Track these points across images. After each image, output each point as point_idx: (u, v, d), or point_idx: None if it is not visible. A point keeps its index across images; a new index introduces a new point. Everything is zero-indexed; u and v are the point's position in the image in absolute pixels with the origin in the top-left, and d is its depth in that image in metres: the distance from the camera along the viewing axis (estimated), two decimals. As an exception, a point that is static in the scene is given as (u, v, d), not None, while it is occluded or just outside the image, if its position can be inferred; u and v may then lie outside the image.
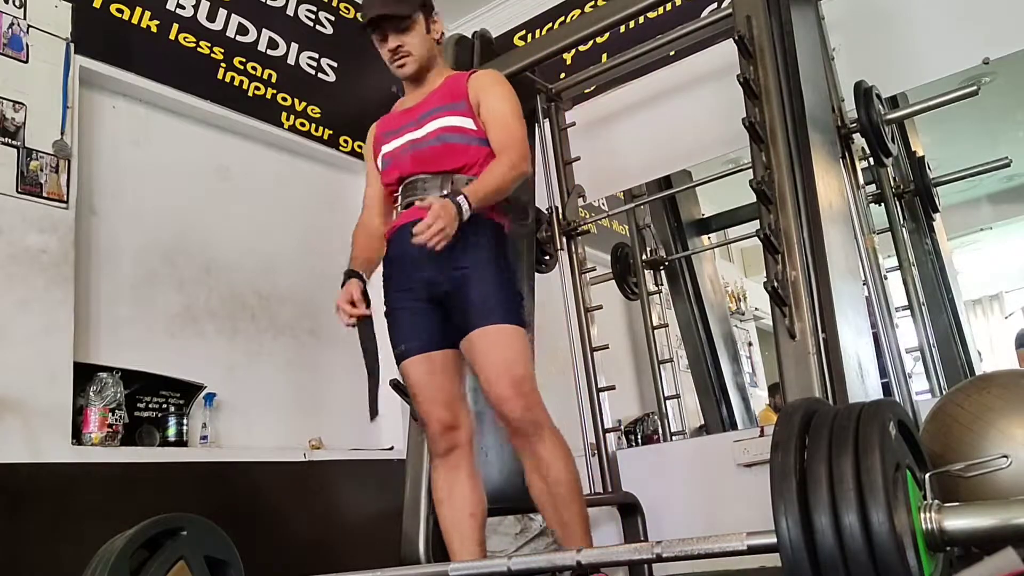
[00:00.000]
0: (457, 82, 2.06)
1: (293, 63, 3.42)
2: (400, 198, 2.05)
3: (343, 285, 1.98)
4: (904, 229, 3.34)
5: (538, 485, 1.89)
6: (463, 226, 1.84)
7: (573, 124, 3.18)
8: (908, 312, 3.08)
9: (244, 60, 3.21)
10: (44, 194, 2.46)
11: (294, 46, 3.43)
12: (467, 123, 1.99)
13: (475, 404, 2.25)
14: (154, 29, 2.93)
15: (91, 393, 2.44)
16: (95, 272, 2.65)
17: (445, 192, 1.93)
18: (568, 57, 3.50)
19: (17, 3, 2.53)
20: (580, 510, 1.89)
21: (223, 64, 3.14)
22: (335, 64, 3.59)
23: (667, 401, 3.93)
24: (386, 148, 2.08)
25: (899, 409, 1.20)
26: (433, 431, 1.95)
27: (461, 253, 1.88)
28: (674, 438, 3.91)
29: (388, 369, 3.21)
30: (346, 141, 3.55)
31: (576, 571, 1.54)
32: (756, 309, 6.18)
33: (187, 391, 2.74)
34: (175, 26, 3.00)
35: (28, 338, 2.33)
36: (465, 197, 1.82)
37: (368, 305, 1.97)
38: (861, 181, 2.45)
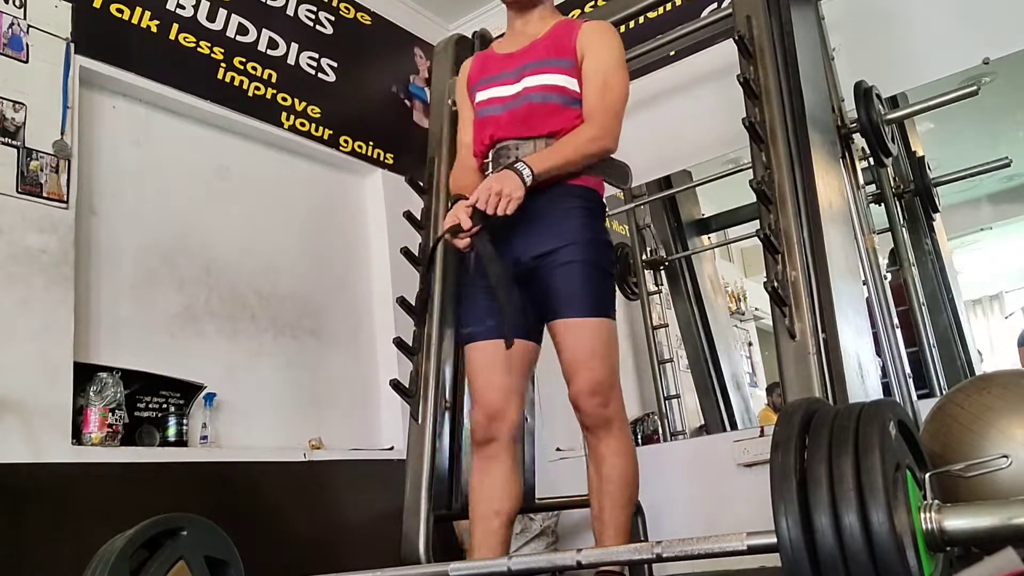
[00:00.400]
0: (566, 33, 1.89)
1: (293, 63, 3.42)
2: (491, 165, 1.93)
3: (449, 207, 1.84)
4: (904, 229, 3.35)
5: (592, 476, 1.86)
6: (550, 195, 1.76)
7: (573, 124, 3.18)
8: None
9: (244, 60, 3.21)
10: (44, 194, 2.46)
11: (294, 46, 3.43)
12: (570, 83, 1.85)
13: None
14: (154, 29, 2.93)
15: (91, 393, 2.44)
16: (95, 272, 2.65)
17: None
18: (568, 57, 3.49)
19: (17, 3, 2.53)
20: (623, 514, 1.83)
21: (223, 64, 3.13)
22: (335, 64, 3.59)
23: (667, 401, 3.93)
24: (481, 96, 1.94)
25: (899, 409, 1.21)
26: (477, 417, 1.88)
27: (548, 229, 1.79)
28: (674, 438, 3.91)
29: (388, 369, 3.23)
30: (346, 141, 3.55)
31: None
32: (756, 309, 6.17)
33: (187, 391, 2.74)
34: (175, 26, 3.00)
35: (28, 338, 2.33)
36: (526, 164, 1.71)
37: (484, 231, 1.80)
38: (861, 181, 2.45)
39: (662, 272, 4.19)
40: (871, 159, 2.64)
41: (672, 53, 3.11)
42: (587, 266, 1.79)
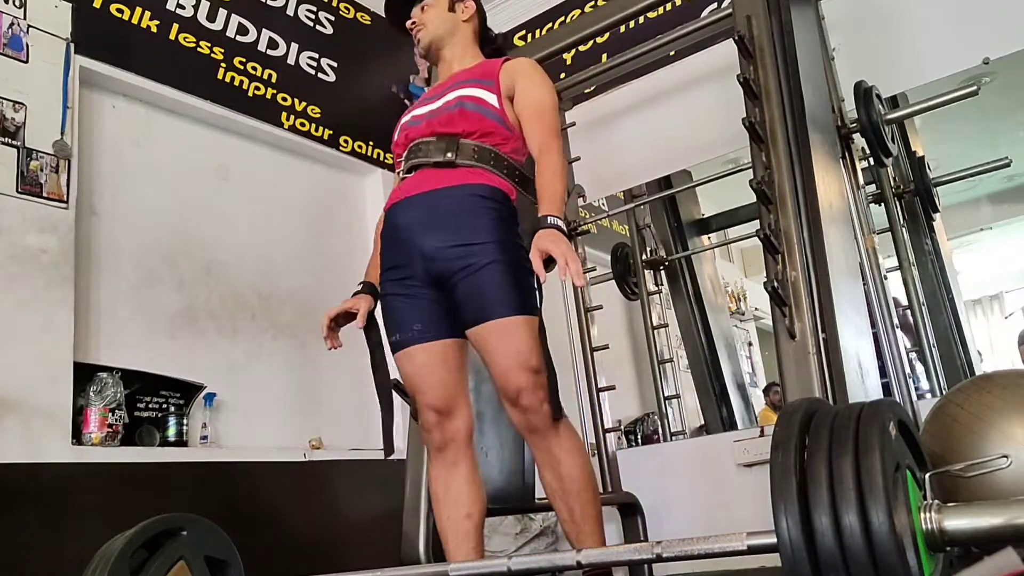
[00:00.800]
0: (489, 65, 1.99)
1: (293, 63, 3.42)
2: (404, 162, 1.95)
3: (353, 294, 1.90)
4: (904, 229, 3.35)
5: (550, 481, 1.81)
6: (466, 197, 1.78)
7: (573, 124, 3.18)
8: (908, 312, 3.09)
9: (244, 60, 3.21)
10: (44, 194, 2.46)
11: (294, 46, 3.43)
12: (490, 98, 1.90)
13: (476, 403, 2.25)
14: (154, 29, 2.93)
15: (91, 393, 2.44)
16: (95, 272, 2.65)
17: (450, 155, 1.84)
18: (568, 57, 3.50)
19: (17, 3, 2.53)
20: (593, 509, 1.81)
21: (223, 64, 3.14)
22: (335, 64, 3.59)
23: (667, 401, 3.93)
24: (404, 119, 2.02)
25: (899, 409, 1.20)
26: (428, 424, 1.86)
27: (466, 228, 1.78)
28: (674, 438, 3.91)
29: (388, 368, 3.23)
30: (346, 141, 3.55)
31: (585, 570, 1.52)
32: (756, 309, 6.19)
33: (187, 391, 2.74)
34: (175, 26, 3.00)
35: (28, 338, 2.34)
36: (554, 217, 1.73)
37: (375, 330, 1.90)
38: (861, 181, 2.45)
39: (662, 272, 4.19)
40: (871, 159, 2.63)
41: (672, 53, 3.10)
42: (509, 266, 1.77)
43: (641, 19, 3.21)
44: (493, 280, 1.75)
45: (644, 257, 4.10)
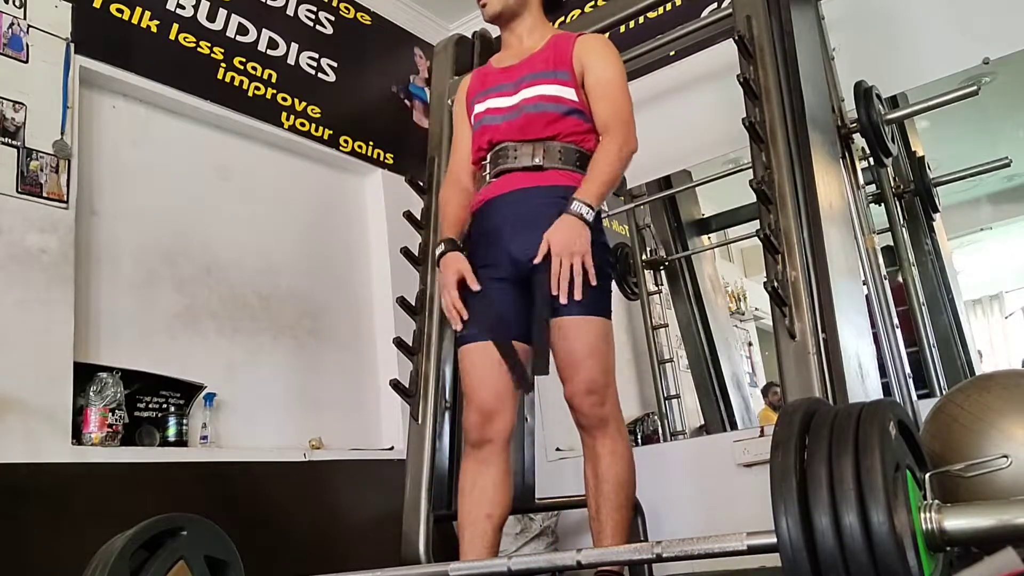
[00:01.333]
0: (562, 46, 1.92)
1: (293, 63, 3.42)
2: (489, 166, 1.94)
3: (439, 260, 1.87)
4: (904, 229, 3.35)
5: (588, 477, 1.85)
6: (554, 200, 1.78)
7: (573, 124, 3.18)
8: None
9: (244, 60, 3.21)
10: (44, 194, 2.46)
11: (294, 46, 3.43)
12: (567, 93, 1.87)
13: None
14: (154, 29, 2.93)
15: (91, 393, 2.44)
16: (95, 272, 2.65)
17: (537, 160, 1.85)
18: (568, 57, 3.49)
19: (17, 3, 2.53)
20: (619, 514, 1.81)
21: (223, 64, 3.13)
22: (335, 64, 3.59)
23: (667, 401, 3.93)
24: (479, 108, 1.97)
25: (899, 409, 1.20)
26: (471, 420, 1.87)
27: (545, 231, 1.78)
28: (674, 438, 3.91)
29: (388, 369, 3.23)
30: (346, 141, 3.55)
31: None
32: (756, 309, 6.18)
33: (187, 391, 2.74)
34: (175, 26, 3.00)
35: (28, 338, 2.33)
36: (582, 202, 1.74)
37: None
38: (861, 181, 2.45)
39: (662, 272, 4.19)
40: (871, 159, 2.63)
41: (672, 53, 3.10)
42: (591, 268, 1.80)
43: (641, 19, 3.21)
44: (573, 280, 1.76)
45: (644, 257, 4.10)
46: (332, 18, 3.65)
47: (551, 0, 2.06)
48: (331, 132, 3.49)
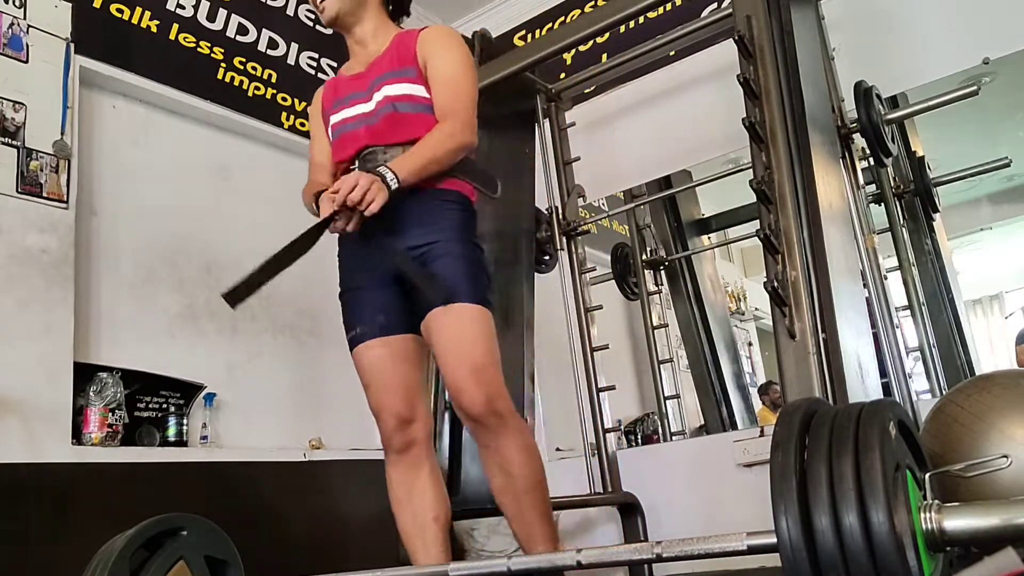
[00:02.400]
0: (406, 43, 1.88)
1: (293, 63, 3.42)
2: (358, 169, 1.89)
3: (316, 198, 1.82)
4: (904, 229, 3.35)
5: (498, 481, 1.76)
6: (422, 198, 1.75)
7: (573, 124, 3.18)
8: (908, 312, 3.09)
9: (244, 60, 3.21)
10: (44, 194, 2.46)
11: (294, 46, 3.43)
12: (418, 91, 1.83)
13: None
14: (154, 29, 2.93)
15: (91, 393, 2.44)
16: (95, 272, 2.65)
17: None
18: (568, 57, 3.50)
19: (17, 3, 2.53)
20: (543, 509, 1.75)
21: (223, 64, 3.13)
22: (335, 64, 3.59)
23: (667, 401, 3.93)
24: (335, 119, 1.93)
25: (899, 409, 1.20)
26: (387, 426, 1.81)
27: (423, 227, 1.77)
28: (674, 438, 3.91)
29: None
30: (346, 141, 3.55)
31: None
32: (756, 309, 6.18)
33: (187, 391, 2.74)
34: (175, 26, 3.00)
35: (28, 338, 2.33)
36: (390, 169, 1.68)
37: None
38: (861, 181, 2.45)
39: (662, 272, 4.19)
40: (871, 159, 2.63)
41: (672, 53, 3.11)
42: (463, 258, 1.76)
43: (641, 19, 3.21)
44: (452, 267, 1.73)
45: (644, 257, 4.10)
46: (332, 18, 3.65)
47: (394, 5, 2.03)
48: (331, 132, 3.49)
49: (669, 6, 2.92)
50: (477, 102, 1.85)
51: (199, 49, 3.07)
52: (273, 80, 3.31)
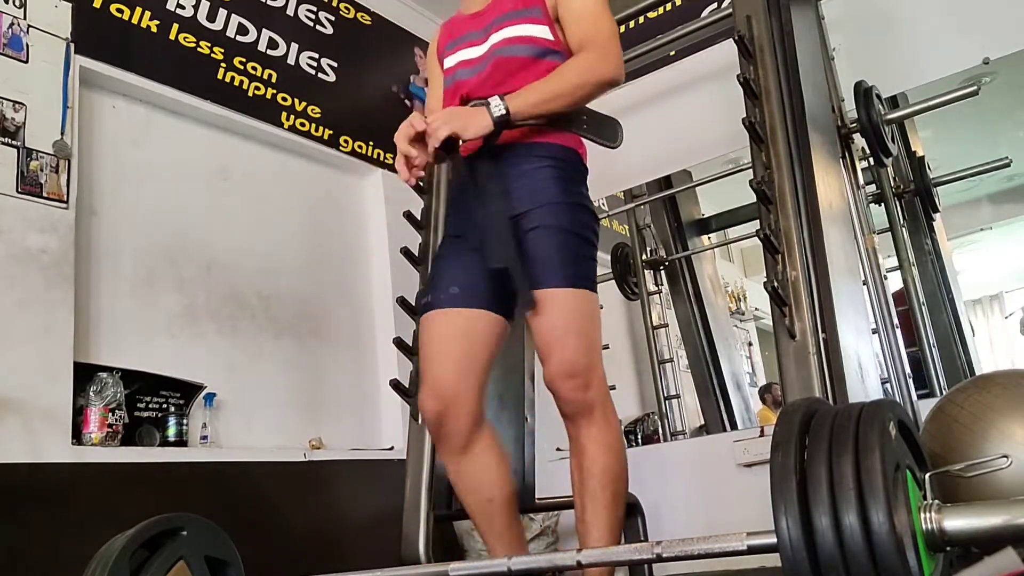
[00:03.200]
0: None
1: (293, 63, 3.42)
2: None
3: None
4: (904, 229, 3.35)
5: (574, 474, 1.65)
6: (519, 153, 1.59)
7: (573, 124, 3.18)
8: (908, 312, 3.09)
9: (244, 60, 3.21)
10: (44, 194, 2.46)
11: (294, 46, 3.43)
12: (541, 31, 1.65)
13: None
14: (154, 29, 2.93)
15: (91, 393, 2.44)
16: (95, 272, 2.65)
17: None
18: (568, 57, 3.50)
19: (17, 3, 2.53)
20: (610, 513, 1.61)
21: (223, 64, 3.13)
22: (335, 64, 3.59)
23: (667, 401, 3.93)
24: (449, 62, 1.77)
25: (899, 409, 1.20)
26: (426, 402, 1.64)
27: (522, 190, 1.60)
28: (674, 438, 3.91)
29: (388, 369, 3.23)
30: (346, 141, 3.55)
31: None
32: (756, 309, 6.19)
33: (187, 391, 2.74)
34: (175, 26, 3.00)
35: (28, 338, 2.33)
36: (501, 99, 1.50)
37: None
38: (861, 181, 2.45)
39: (662, 272, 4.20)
40: (871, 159, 2.64)
41: (672, 53, 3.11)
42: (564, 232, 1.59)
43: (641, 19, 3.21)
44: (552, 243, 1.57)
45: (644, 257, 4.10)
46: (332, 18, 3.65)
47: None
48: (331, 132, 3.49)
49: (669, 6, 2.92)
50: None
51: (199, 49, 3.07)
52: (273, 80, 3.31)
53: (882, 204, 3.29)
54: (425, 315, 1.69)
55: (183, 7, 3.04)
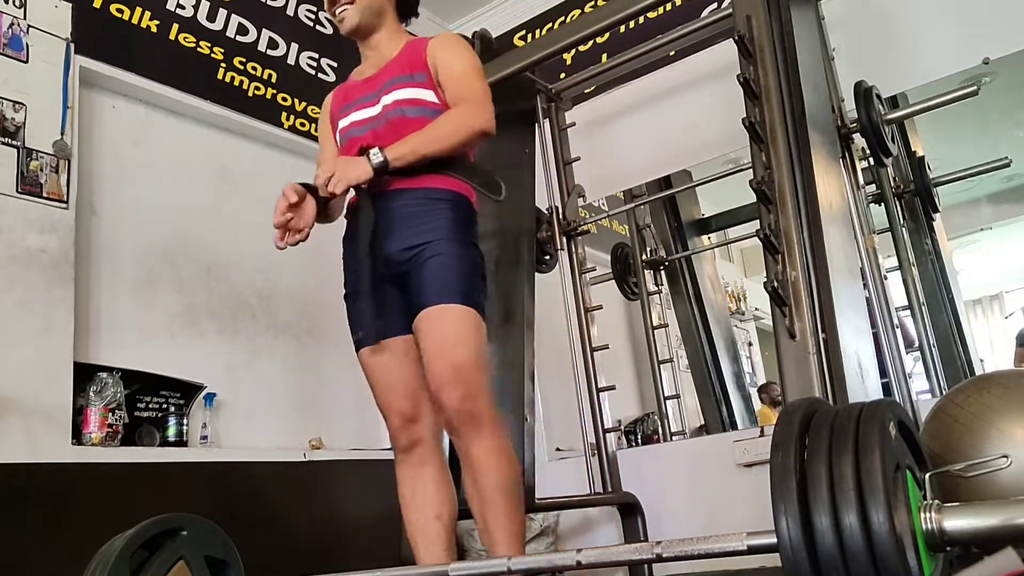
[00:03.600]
0: (416, 49, 1.89)
1: (293, 63, 3.42)
2: None
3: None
4: (904, 229, 3.35)
5: (468, 489, 1.71)
6: (418, 198, 1.75)
7: (573, 124, 3.18)
8: (908, 312, 3.09)
9: (244, 60, 3.21)
10: (44, 194, 2.46)
11: (294, 46, 3.43)
12: (427, 95, 1.84)
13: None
14: (154, 29, 2.93)
15: (91, 393, 2.44)
16: (95, 272, 2.65)
17: None
18: (568, 57, 3.50)
19: (17, 3, 2.53)
20: (508, 521, 1.67)
21: (223, 64, 3.13)
22: (335, 64, 3.59)
23: (667, 401, 3.93)
24: (343, 123, 1.94)
25: (899, 409, 1.20)
26: (393, 425, 1.82)
27: (420, 228, 1.76)
28: (674, 438, 3.91)
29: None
30: (346, 141, 3.55)
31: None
32: (756, 309, 6.18)
33: (187, 391, 2.74)
34: (175, 26, 3.00)
35: (28, 338, 2.33)
36: (380, 150, 1.69)
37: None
38: (861, 181, 2.45)
39: (662, 272, 4.19)
40: (871, 159, 2.63)
41: (672, 53, 3.11)
42: (456, 259, 1.75)
43: (641, 19, 3.21)
44: (435, 268, 1.73)
45: (644, 257, 4.10)
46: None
47: (404, 8, 2.03)
48: (331, 132, 3.49)
49: (669, 6, 2.92)
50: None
51: (199, 49, 3.07)
52: (273, 80, 3.31)
53: (882, 204, 3.29)
54: (362, 351, 1.85)
55: (183, 7, 3.03)
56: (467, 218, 1.84)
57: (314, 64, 3.51)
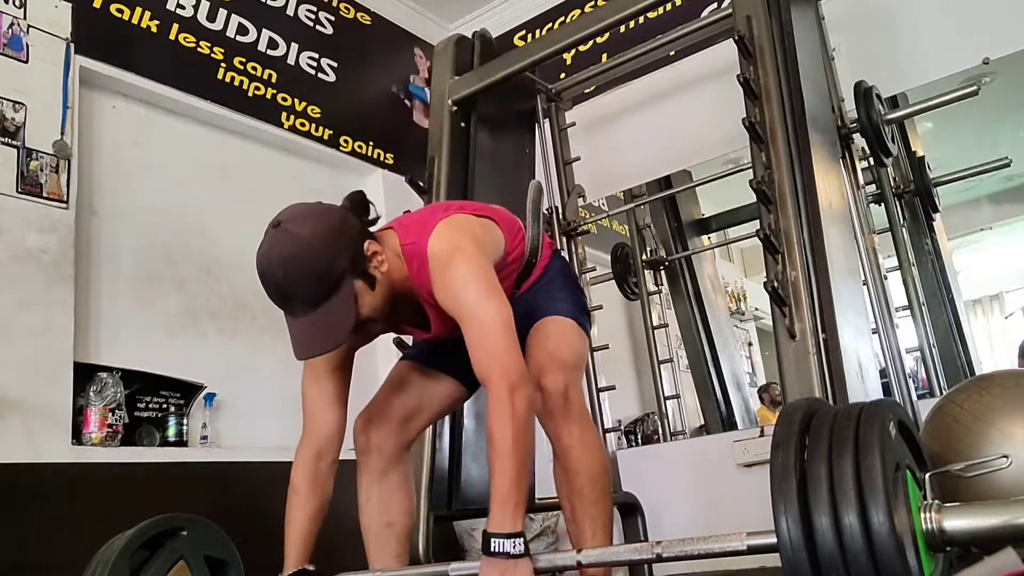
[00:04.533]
0: (422, 275, 1.62)
1: (293, 63, 3.42)
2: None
3: None
4: (904, 229, 3.35)
5: (558, 475, 1.73)
6: (533, 289, 1.81)
7: (573, 124, 3.18)
8: (908, 312, 3.09)
9: (244, 60, 3.21)
10: (44, 194, 2.46)
11: (294, 46, 3.43)
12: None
13: (475, 402, 2.25)
14: (154, 29, 2.93)
15: (91, 393, 2.44)
16: (95, 272, 2.65)
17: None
18: (568, 57, 3.50)
19: (17, 3, 2.53)
20: (598, 510, 1.69)
21: (223, 64, 3.14)
22: (335, 64, 3.59)
23: (667, 401, 3.93)
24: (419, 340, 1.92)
25: (899, 409, 1.20)
26: (356, 425, 1.84)
27: (541, 302, 1.82)
28: (674, 438, 3.91)
29: (388, 369, 3.22)
30: (346, 141, 3.55)
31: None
32: (756, 309, 6.18)
33: (187, 391, 2.74)
34: (175, 26, 3.00)
35: (28, 338, 2.33)
36: (497, 535, 1.36)
37: None
38: (861, 181, 2.45)
39: (662, 272, 4.19)
40: (871, 159, 2.63)
41: (672, 53, 3.11)
42: (566, 288, 1.85)
43: (641, 19, 3.21)
44: (548, 293, 1.82)
45: (644, 257, 4.10)
46: (332, 18, 3.65)
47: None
48: (331, 132, 3.49)
49: (669, 6, 2.92)
50: (495, 281, 1.57)
51: (199, 49, 3.07)
52: (273, 80, 3.31)
53: (882, 204, 3.29)
54: (402, 361, 1.92)
55: (183, 7, 3.04)
56: (561, 264, 1.93)
57: (314, 64, 3.51)
